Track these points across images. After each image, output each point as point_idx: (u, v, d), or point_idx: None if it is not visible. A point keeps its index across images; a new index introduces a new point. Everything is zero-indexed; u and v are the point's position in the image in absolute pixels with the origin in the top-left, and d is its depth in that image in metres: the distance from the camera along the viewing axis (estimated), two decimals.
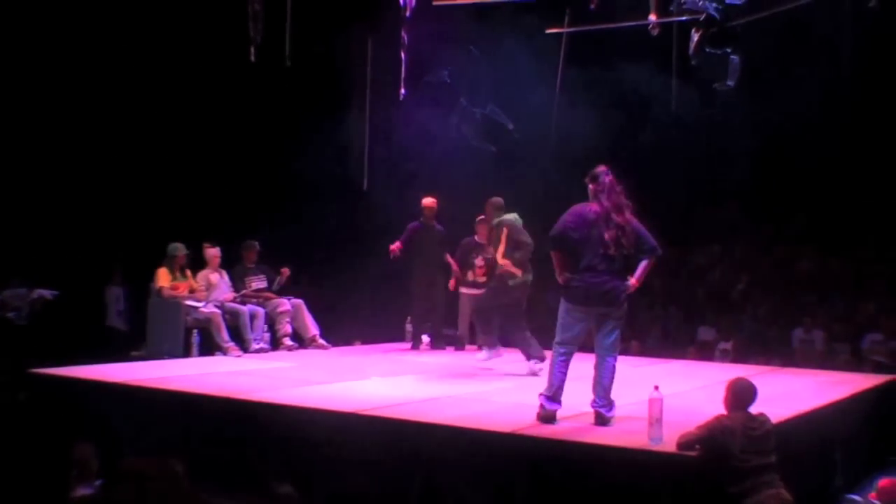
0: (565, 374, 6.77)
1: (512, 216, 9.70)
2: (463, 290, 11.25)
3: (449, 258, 11.44)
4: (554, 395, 6.72)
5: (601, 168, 6.88)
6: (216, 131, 14.66)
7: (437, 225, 11.67)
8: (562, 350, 6.79)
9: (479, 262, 10.90)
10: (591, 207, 6.80)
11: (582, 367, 6.90)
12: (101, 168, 14.09)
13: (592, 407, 6.72)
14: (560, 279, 6.89)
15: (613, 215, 6.68)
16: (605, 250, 6.65)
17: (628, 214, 6.76)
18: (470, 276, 11.06)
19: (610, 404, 6.71)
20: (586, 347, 6.93)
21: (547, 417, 6.67)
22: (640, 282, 6.87)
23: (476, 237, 11.07)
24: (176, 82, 14.17)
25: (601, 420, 6.65)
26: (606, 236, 6.63)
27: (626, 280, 6.78)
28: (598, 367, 6.76)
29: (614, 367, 6.77)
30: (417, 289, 11.61)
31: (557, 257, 6.91)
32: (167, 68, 14.02)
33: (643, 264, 6.83)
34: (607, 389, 6.72)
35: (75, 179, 13.87)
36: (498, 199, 9.95)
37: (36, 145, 13.47)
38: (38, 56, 13.18)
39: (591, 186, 6.86)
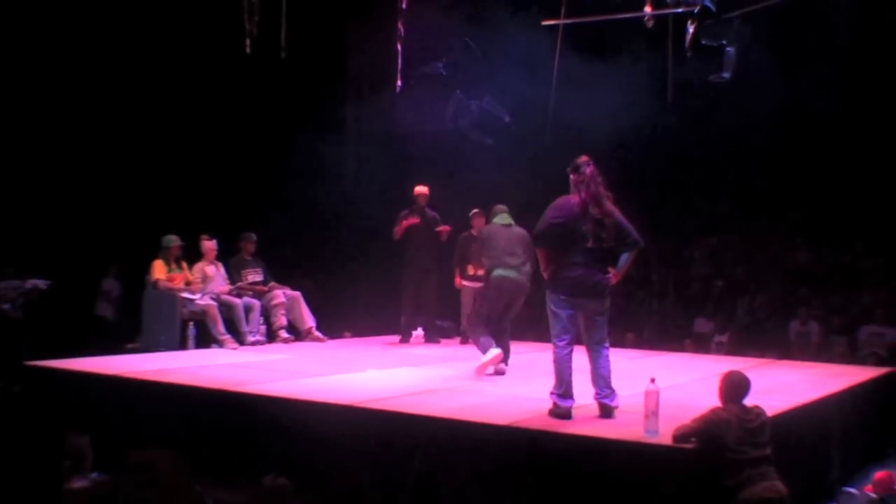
0: (571, 367, 6.65)
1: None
2: (465, 283, 11.19)
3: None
4: (565, 391, 6.60)
5: (583, 158, 6.75)
6: (212, 123, 14.62)
7: (430, 211, 11.58)
8: (560, 343, 6.67)
9: None
10: (573, 199, 6.68)
11: (578, 359, 6.88)
12: (97, 159, 14.04)
13: (596, 399, 6.66)
14: (545, 274, 6.79)
15: (591, 208, 6.57)
16: (584, 243, 6.56)
17: (609, 206, 6.63)
18: (470, 269, 10.96)
19: (612, 394, 6.65)
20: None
21: (561, 414, 6.54)
22: (622, 275, 6.78)
23: (473, 231, 11.01)
24: (172, 74, 14.12)
25: (606, 411, 6.59)
26: (584, 229, 6.55)
27: (608, 273, 6.67)
28: (593, 360, 6.70)
29: (608, 356, 6.70)
30: (408, 280, 11.49)
31: (542, 253, 6.77)
32: (163, 60, 13.97)
33: (624, 257, 6.73)
34: (607, 379, 6.66)
35: (71, 170, 13.81)
36: (496, 208, 9.21)
37: (31, 136, 13.41)
38: (36, 48, 13.13)
39: (572, 177, 6.73)
